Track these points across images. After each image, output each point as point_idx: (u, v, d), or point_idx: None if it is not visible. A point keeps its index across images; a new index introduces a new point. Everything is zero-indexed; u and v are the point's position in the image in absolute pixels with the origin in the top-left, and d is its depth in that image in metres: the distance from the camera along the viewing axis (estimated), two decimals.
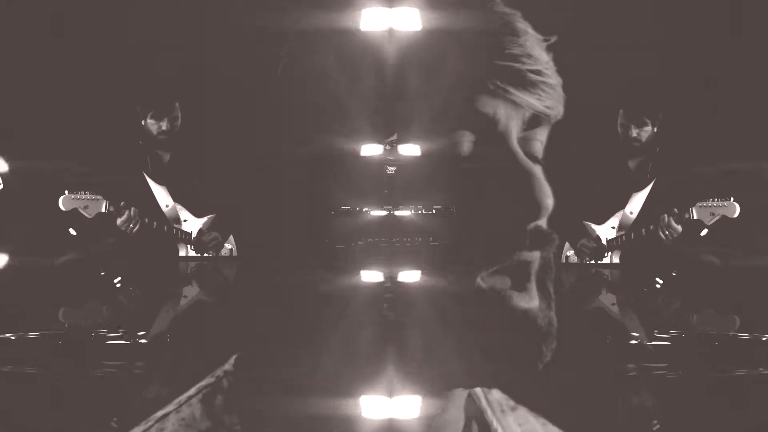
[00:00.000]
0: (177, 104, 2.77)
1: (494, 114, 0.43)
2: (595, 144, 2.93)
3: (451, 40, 0.42)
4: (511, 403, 0.58)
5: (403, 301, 0.45)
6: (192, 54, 2.68)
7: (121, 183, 2.72)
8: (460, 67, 0.42)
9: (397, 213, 0.44)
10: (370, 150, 0.44)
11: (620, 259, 2.83)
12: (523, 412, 0.58)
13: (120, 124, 2.86)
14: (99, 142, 2.76)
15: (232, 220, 2.76)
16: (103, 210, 2.62)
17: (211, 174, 2.74)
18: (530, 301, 0.44)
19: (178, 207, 2.84)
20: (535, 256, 0.44)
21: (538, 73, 0.43)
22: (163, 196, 2.82)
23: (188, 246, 2.82)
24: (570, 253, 2.86)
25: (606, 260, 2.83)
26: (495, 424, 0.54)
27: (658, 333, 1.87)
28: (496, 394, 0.57)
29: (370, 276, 0.45)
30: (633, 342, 1.88)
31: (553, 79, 0.45)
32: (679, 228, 2.61)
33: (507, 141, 0.43)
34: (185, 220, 2.84)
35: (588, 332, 1.90)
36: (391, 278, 0.44)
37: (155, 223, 2.70)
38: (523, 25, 0.44)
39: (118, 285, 2.42)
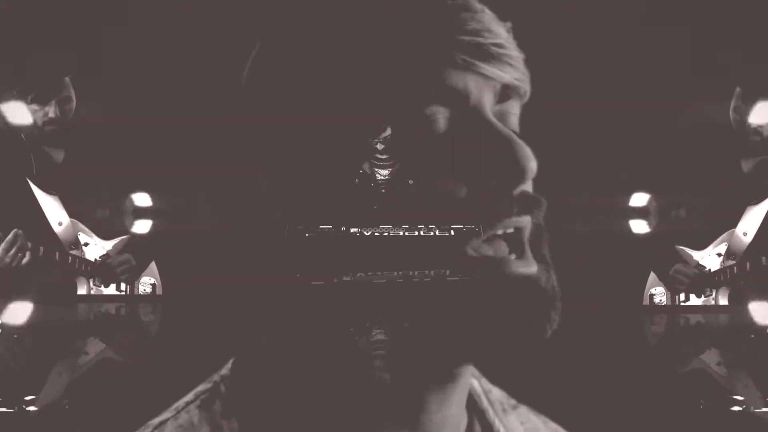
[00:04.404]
0: (67, 80, 2.93)
1: (465, 87, 0.65)
2: (694, 138, 3.08)
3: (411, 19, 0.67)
4: (512, 401, 0.84)
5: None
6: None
7: None
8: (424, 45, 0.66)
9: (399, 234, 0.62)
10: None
11: (730, 299, 2.97)
12: (524, 410, 0.85)
13: None
14: None
15: (154, 241, 2.94)
16: None
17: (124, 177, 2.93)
18: (529, 266, 0.64)
19: (77, 225, 2.99)
20: (526, 221, 0.65)
21: (500, 46, 0.67)
22: (54, 211, 2.96)
23: (90, 280, 2.97)
24: (656, 290, 3.03)
25: (709, 300, 2.98)
26: (497, 423, 0.79)
27: None
28: (497, 393, 0.83)
29: None
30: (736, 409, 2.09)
31: (515, 52, 0.69)
32: None
33: (481, 112, 0.66)
34: (86, 244, 3.00)
35: (685, 403, 2.07)
36: None
37: (42, 248, 2.84)
38: (479, 5, 0.69)
39: None
